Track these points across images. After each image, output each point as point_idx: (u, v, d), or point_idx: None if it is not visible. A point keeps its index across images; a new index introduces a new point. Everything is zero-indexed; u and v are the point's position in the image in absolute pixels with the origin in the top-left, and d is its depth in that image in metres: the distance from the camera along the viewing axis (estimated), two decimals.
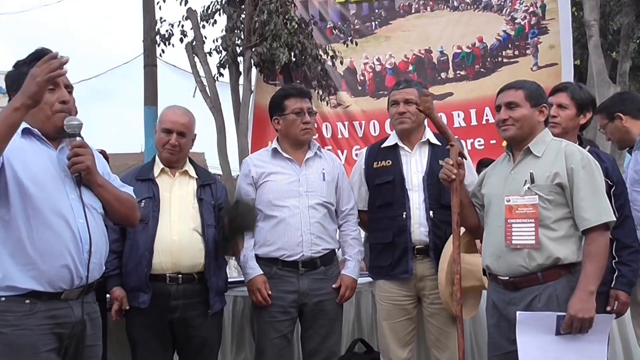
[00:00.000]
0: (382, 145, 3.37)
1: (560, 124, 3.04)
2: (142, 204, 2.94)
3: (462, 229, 2.99)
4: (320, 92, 7.54)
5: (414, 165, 3.27)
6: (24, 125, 2.26)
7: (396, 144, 3.32)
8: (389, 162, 3.29)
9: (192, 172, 3.14)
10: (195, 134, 3.18)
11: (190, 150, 3.20)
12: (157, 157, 3.16)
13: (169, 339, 3.00)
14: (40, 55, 2.27)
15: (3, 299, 2.16)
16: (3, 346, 2.14)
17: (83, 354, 2.32)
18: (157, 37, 7.98)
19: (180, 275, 2.94)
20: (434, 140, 3.30)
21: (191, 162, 3.19)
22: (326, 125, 7.75)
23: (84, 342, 2.31)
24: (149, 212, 2.95)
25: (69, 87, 2.38)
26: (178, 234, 2.95)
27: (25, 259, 2.17)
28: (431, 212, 3.16)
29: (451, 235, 3.01)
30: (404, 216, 3.17)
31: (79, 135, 2.32)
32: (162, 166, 3.10)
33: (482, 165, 4.22)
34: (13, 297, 2.16)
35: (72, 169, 2.29)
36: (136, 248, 2.92)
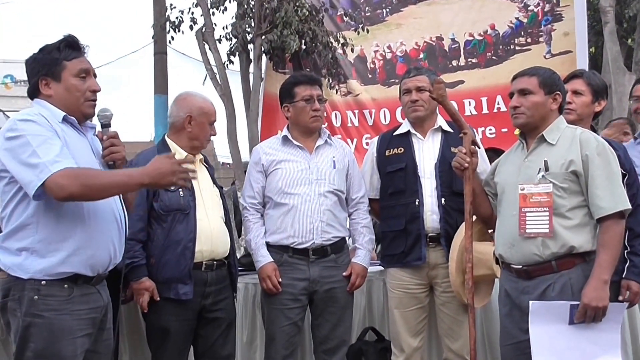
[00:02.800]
0: (395, 133, 3.35)
1: (575, 110, 2.99)
2: (181, 192, 2.92)
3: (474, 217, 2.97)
4: (330, 81, 7.51)
5: (427, 152, 3.25)
6: (62, 113, 2.32)
7: (408, 131, 3.30)
8: (401, 150, 3.27)
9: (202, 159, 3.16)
10: None
11: None
12: (170, 142, 3.09)
13: (193, 328, 3.00)
14: (70, 42, 2.37)
15: (44, 282, 2.20)
16: (44, 330, 2.19)
17: (102, 337, 2.38)
18: (167, 24, 7.97)
19: (215, 262, 2.99)
20: (446, 127, 3.28)
21: None
22: (335, 114, 7.72)
23: (104, 326, 2.38)
24: (188, 202, 2.93)
25: (95, 77, 2.42)
26: (214, 222, 3.00)
27: (79, 242, 2.23)
28: (443, 199, 3.14)
29: (462, 224, 3.00)
30: (417, 203, 3.15)
31: (110, 125, 2.39)
32: (185, 153, 3.04)
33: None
34: (52, 282, 2.21)
35: (109, 158, 2.34)
36: (177, 239, 2.88)
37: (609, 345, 2.54)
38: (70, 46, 2.36)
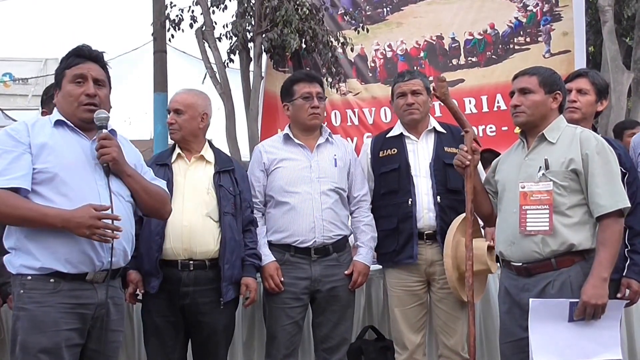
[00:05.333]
0: (388, 135, 3.39)
1: (580, 109, 3.02)
2: None
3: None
4: (330, 80, 7.52)
5: (421, 153, 3.29)
6: (57, 117, 2.40)
7: (401, 133, 3.33)
8: (394, 151, 3.31)
9: (209, 156, 3.12)
10: (205, 114, 3.13)
11: None
12: (175, 144, 3.16)
13: (181, 325, 3.00)
14: (76, 51, 2.44)
15: (29, 277, 2.27)
16: (27, 322, 2.25)
17: (107, 338, 2.39)
18: (167, 22, 7.97)
19: (192, 262, 2.94)
20: (440, 129, 3.34)
21: (211, 146, 3.18)
22: (335, 113, 7.74)
23: (108, 326, 2.38)
24: None
25: (99, 82, 2.45)
26: (189, 219, 2.94)
27: (50, 241, 2.26)
28: (438, 197, 3.19)
29: (454, 220, 3.06)
30: (409, 203, 3.19)
31: (106, 127, 2.41)
32: (178, 152, 3.11)
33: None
34: (38, 276, 2.26)
35: (100, 160, 2.37)
36: (148, 232, 2.91)
37: (610, 343, 2.55)
38: (76, 54, 2.43)
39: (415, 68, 7.71)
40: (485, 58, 7.61)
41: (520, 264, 2.66)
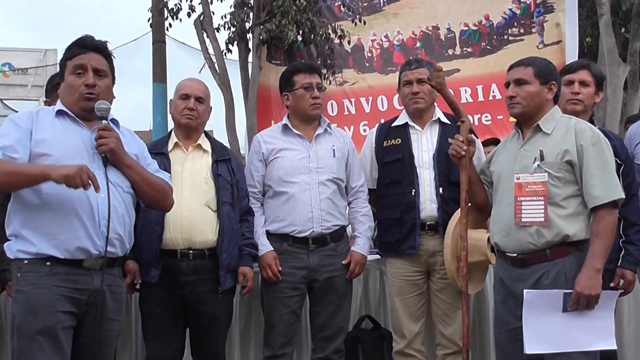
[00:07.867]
0: (393, 124, 3.39)
1: (583, 101, 3.03)
2: None
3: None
4: (325, 71, 7.52)
5: (425, 144, 3.29)
6: (58, 106, 2.44)
7: (406, 122, 3.34)
8: (398, 141, 3.31)
9: (206, 146, 3.12)
10: (211, 107, 3.19)
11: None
12: (172, 133, 3.16)
13: (180, 314, 3.01)
14: (80, 43, 2.48)
15: (26, 261, 2.31)
16: (23, 303, 2.29)
17: (102, 326, 2.41)
18: (165, 11, 7.95)
19: (191, 251, 2.95)
20: (445, 120, 3.33)
21: (207, 136, 3.19)
22: (332, 104, 7.75)
23: (104, 314, 2.40)
24: None
25: (100, 72, 2.47)
26: (188, 209, 2.94)
27: (46, 229, 2.30)
28: (440, 189, 3.19)
29: (455, 212, 3.05)
30: (413, 193, 3.20)
31: (106, 118, 2.43)
32: (176, 140, 3.10)
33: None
34: (35, 260, 2.30)
35: (98, 150, 2.39)
36: (147, 223, 2.91)
37: (604, 333, 2.58)
38: (78, 45, 2.46)
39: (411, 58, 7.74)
40: (480, 49, 7.66)
41: (515, 254, 2.68)
